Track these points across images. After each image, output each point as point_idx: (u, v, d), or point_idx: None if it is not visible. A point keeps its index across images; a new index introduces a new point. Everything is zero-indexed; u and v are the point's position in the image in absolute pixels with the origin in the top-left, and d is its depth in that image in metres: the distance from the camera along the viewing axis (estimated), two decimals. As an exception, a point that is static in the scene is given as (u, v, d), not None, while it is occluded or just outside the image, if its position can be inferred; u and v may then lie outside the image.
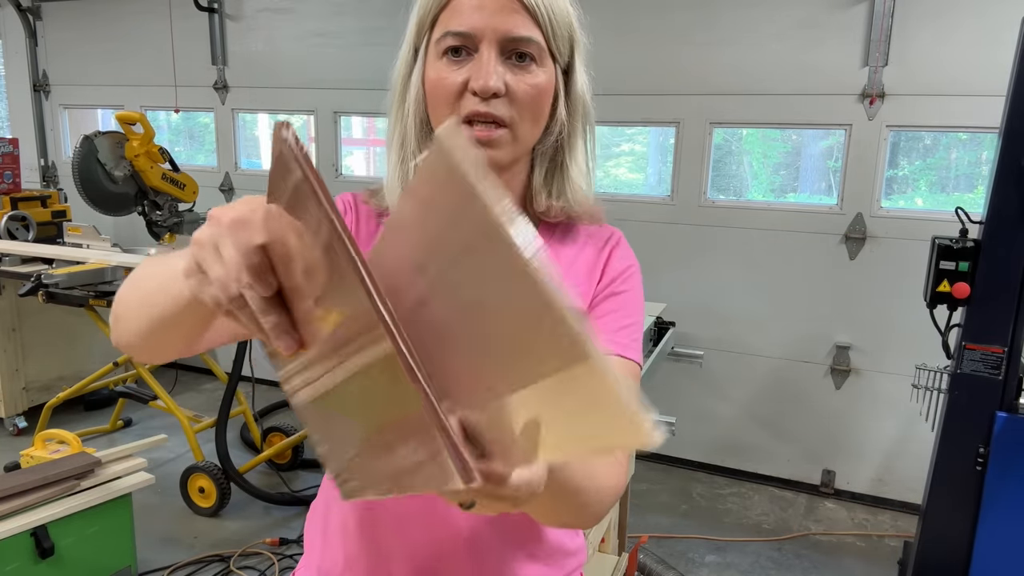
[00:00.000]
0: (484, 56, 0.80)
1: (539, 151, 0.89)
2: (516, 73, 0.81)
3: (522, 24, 0.80)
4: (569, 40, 0.86)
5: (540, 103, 0.84)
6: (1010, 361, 2.11)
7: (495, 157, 0.83)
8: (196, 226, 3.56)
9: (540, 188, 0.89)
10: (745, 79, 3.34)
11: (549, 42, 0.83)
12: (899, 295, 3.18)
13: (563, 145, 0.89)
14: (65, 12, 4.87)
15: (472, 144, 0.77)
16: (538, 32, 0.81)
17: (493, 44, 0.80)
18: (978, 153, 3.55)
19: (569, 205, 0.89)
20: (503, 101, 0.81)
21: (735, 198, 3.89)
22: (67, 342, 4.01)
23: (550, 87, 0.84)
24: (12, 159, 4.11)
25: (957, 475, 2.21)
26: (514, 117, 0.82)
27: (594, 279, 0.92)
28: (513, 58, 0.81)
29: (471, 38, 0.80)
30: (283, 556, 2.81)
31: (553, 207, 0.89)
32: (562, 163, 0.89)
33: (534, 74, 0.82)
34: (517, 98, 0.81)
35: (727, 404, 3.60)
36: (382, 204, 0.91)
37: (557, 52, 0.84)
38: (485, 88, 0.79)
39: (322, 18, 4.14)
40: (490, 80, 0.79)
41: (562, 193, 0.89)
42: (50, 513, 2.29)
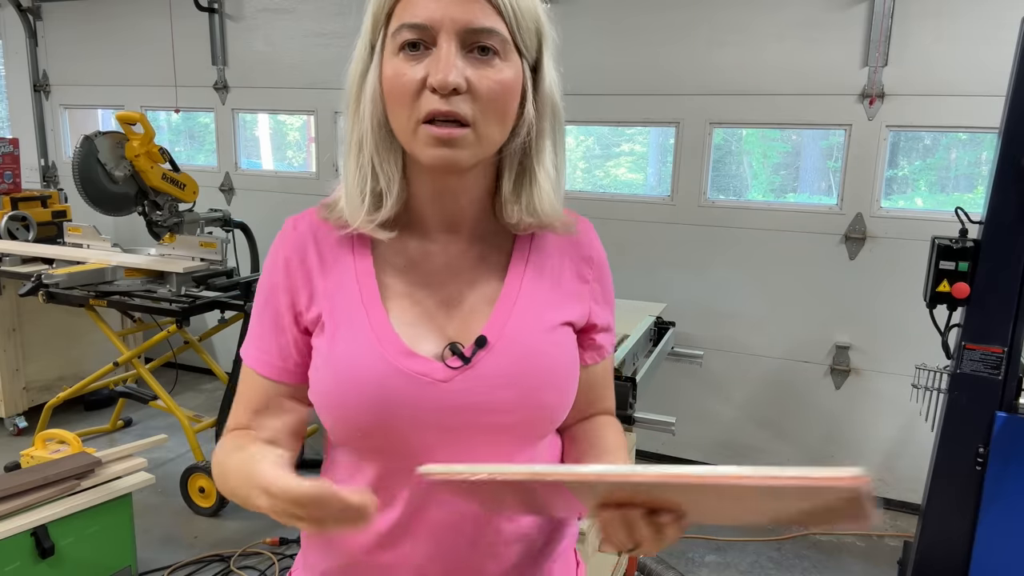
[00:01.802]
0: (443, 49, 0.74)
1: (505, 154, 0.83)
2: (478, 68, 0.76)
3: (483, 14, 0.75)
4: (536, 34, 0.80)
5: (505, 101, 0.78)
6: (1010, 361, 2.11)
7: (457, 158, 0.77)
8: (196, 226, 3.58)
9: (510, 198, 0.85)
10: (745, 79, 3.34)
11: (514, 35, 0.77)
12: (899, 295, 3.18)
13: (531, 148, 0.83)
14: (65, 12, 4.87)
15: (431, 143, 0.76)
16: (501, 23, 0.76)
17: (452, 36, 0.74)
18: (978, 153, 3.55)
19: (538, 219, 0.85)
20: (465, 98, 0.75)
21: (735, 198, 3.89)
22: (67, 342, 4.01)
23: (517, 84, 0.79)
24: (12, 159, 4.11)
25: (957, 475, 2.21)
26: (477, 115, 0.76)
27: (584, 280, 0.92)
28: (475, 52, 0.76)
29: (428, 30, 0.75)
30: (283, 556, 2.81)
31: (523, 221, 0.85)
32: (530, 168, 0.84)
33: (498, 69, 0.76)
34: (480, 95, 0.76)
35: (727, 404, 3.60)
36: (342, 218, 0.85)
37: (523, 47, 0.79)
38: (444, 83, 0.73)
39: (322, 18, 4.14)
40: (449, 75, 0.73)
41: (529, 206, 0.84)
42: (50, 513, 2.29)
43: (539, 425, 0.87)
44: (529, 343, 0.84)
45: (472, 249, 0.88)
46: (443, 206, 0.86)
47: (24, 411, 3.85)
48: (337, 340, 0.84)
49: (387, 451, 0.84)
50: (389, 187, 0.83)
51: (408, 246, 0.87)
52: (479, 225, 0.88)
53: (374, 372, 0.81)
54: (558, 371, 0.86)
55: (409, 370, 0.81)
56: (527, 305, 0.86)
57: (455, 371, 0.82)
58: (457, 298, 0.86)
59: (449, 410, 0.81)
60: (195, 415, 3.35)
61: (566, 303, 0.89)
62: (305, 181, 4.39)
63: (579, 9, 3.53)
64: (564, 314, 0.89)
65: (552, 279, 0.89)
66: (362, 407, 0.81)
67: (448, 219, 0.87)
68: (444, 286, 0.87)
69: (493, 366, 0.83)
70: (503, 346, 0.83)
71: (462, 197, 0.86)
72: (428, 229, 0.87)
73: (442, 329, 0.85)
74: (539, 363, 0.84)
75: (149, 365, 3.49)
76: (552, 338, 0.86)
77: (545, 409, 0.85)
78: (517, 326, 0.85)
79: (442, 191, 0.85)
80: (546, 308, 0.87)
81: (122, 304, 3.11)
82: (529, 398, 0.83)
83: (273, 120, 5.32)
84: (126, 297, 3.09)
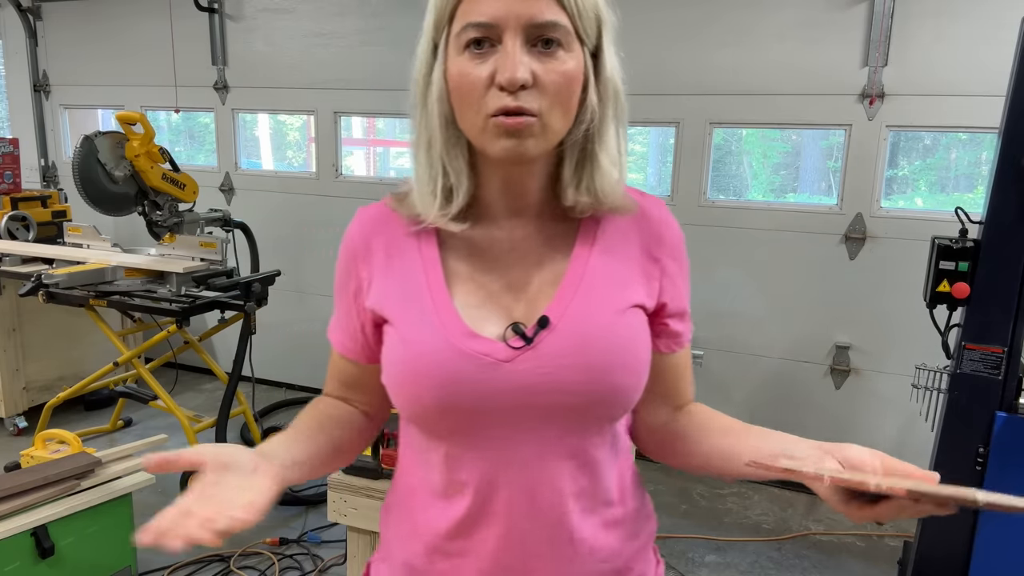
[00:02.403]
0: (508, 46, 0.75)
1: (569, 142, 0.83)
2: (543, 61, 0.77)
3: (546, 8, 0.76)
4: (596, 20, 0.81)
5: (570, 91, 0.79)
6: (1010, 361, 2.11)
7: (525, 148, 0.78)
8: (196, 226, 3.58)
9: (569, 182, 0.85)
10: (745, 79, 3.34)
11: (576, 25, 0.78)
12: (899, 295, 3.19)
13: (593, 134, 0.83)
14: (65, 12, 4.87)
15: (500, 134, 0.78)
16: (564, 15, 0.77)
17: (517, 32, 0.75)
18: (978, 153, 3.56)
19: (598, 200, 0.85)
20: (532, 92, 0.76)
21: (735, 198, 3.90)
22: (67, 342, 4.01)
23: (579, 74, 0.79)
24: (12, 159, 4.11)
25: (957, 475, 2.20)
26: (544, 108, 0.77)
27: (654, 259, 0.90)
28: (539, 45, 0.77)
29: (493, 28, 0.76)
30: (283, 556, 2.81)
31: (580, 203, 0.85)
32: (592, 153, 0.84)
33: (562, 61, 0.77)
34: (546, 88, 0.77)
35: (727, 404, 3.60)
36: (413, 210, 0.87)
37: (584, 35, 0.79)
38: (512, 81, 0.75)
39: (322, 18, 4.14)
40: (517, 72, 0.75)
41: (590, 187, 0.84)
42: (50, 513, 2.29)
43: (609, 407, 0.85)
44: (594, 323, 0.83)
45: (538, 233, 0.89)
46: (510, 195, 0.87)
47: (24, 411, 3.85)
48: (403, 325, 0.86)
49: (454, 432, 0.85)
50: (459, 181, 0.84)
51: (474, 233, 0.88)
52: (545, 210, 0.89)
53: (437, 354, 0.82)
54: (627, 352, 0.84)
55: (471, 351, 0.82)
56: (592, 285, 0.86)
57: (517, 351, 0.82)
58: (523, 281, 0.87)
59: (512, 390, 0.82)
60: (195, 415, 3.35)
61: (634, 284, 0.88)
62: (305, 181, 4.39)
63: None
64: (633, 296, 0.87)
65: (620, 260, 0.88)
66: (426, 388, 0.82)
67: (514, 206, 0.88)
68: (510, 270, 0.87)
69: (556, 346, 0.82)
70: (566, 326, 0.83)
71: (529, 185, 0.87)
72: (494, 216, 0.89)
73: (508, 312, 0.85)
74: (606, 344, 0.83)
75: (149, 365, 3.49)
76: (621, 319, 0.85)
77: (615, 391, 0.84)
78: (582, 306, 0.84)
79: (509, 181, 0.86)
80: (613, 289, 0.86)
81: (122, 304, 3.11)
82: (597, 379, 0.82)
83: (273, 120, 5.32)
84: (126, 297, 3.09)
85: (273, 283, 3.29)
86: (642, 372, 0.87)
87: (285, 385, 4.52)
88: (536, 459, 0.84)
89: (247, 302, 3.10)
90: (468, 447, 0.85)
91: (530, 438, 0.83)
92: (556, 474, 0.85)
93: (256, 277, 3.23)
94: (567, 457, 0.85)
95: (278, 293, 3.57)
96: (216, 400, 3.86)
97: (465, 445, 0.85)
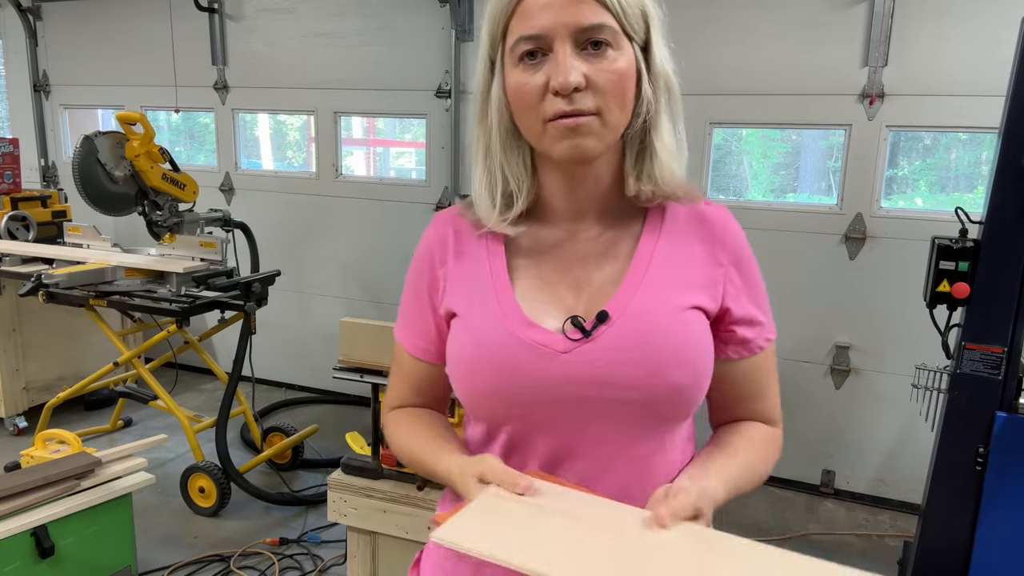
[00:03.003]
0: (559, 53, 0.79)
1: (628, 135, 0.87)
2: (594, 63, 0.80)
3: (591, 12, 0.79)
4: (643, 16, 0.84)
5: (624, 88, 0.82)
6: (1010, 361, 2.11)
7: (586, 146, 0.82)
8: (196, 226, 3.58)
9: (629, 172, 0.88)
10: (745, 79, 3.34)
11: (622, 23, 0.81)
12: (899, 295, 3.18)
13: (649, 125, 0.87)
14: (65, 12, 4.87)
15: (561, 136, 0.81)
16: (608, 16, 0.80)
17: (566, 39, 0.79)
18: (978, 153, 3.56)
19: (658, 187, 0.88)
20: (586, 94, 0.80)
21: (735, 198, 3.89)
22: (67, 342, 4.01)
23: (631, 69, 0.83)
24: (12, 159, 4.11)
25: (957, 475, 2.20)
26: (601, 107, 0.81)
27: (718, 264, 0.91)
28: (588, 47, 0.80)
29: (543, 39, 0.80)
30: (283, 556, 2.81)
31: (643, 191, 0.88)
32: (649, 144, 0.87)
33: (612, 59, 0.80)
34: (600, 88, 0.80)
35: (727, 404, 3.60)
36: (477, 215, 0.92)
37: (632, 31, 0.82)
38: (565, 85, 0.78)
39: (322, 18, 4.14)
40: (569, 76, 0.78)
41: (650, 175, 0.87)
42: (50, 513, 2.29)
43: (667, 406, 0.85)
44: (654, 320, 0.84)
45: (602, 235, 0.91)
46: (573, 196, 0.90)
47: (24, 411, 3.85)
48: (467, 316, 0.89)
49: (513, 420, 0.87)
50: (519, 187, 0.88)
51: (539, 234, 0.92)
52: (608, 209, 0.91)
53: (497, 342, 0.85)
54: (687, 350, 0.85)
55: (530, 340, 0.84)
56: (654, 284, 0.87)
57: (575, 343, 0.84)
58: (586, 280, 0.89)
59: (569, 381, 0.83)
60: (195, 415, 3.35)
61: (696, 287, 0.89)
62: (305, 181, 4.39)
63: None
64: (694, 298, 0.88)
65: (683, 262, 0.89)
66: (485, 375, 0.85)
67: (577, 208, 0.90)
68: (573, 269, 0.90)
69: (615, 340, 0.83)
70: (626, 321, 0.84)
71: (591, 184, 0.89)
72: (558, 218, 0.91)
73: (569, 307, 0.87)
74: (665, 341, 0.84)
75: (149, 365, 3.49)
76: (680, 318, 0.86)
77: (674, 389, 0.84)
78: (642, 303, 0.85)
79: (572, 182, 0.89)
80: (675, 289, 0.87)
81: (122, 304, 3.11)
82: (656, 376, 0.83)
83: (273, 120, 5.32)
84: (126, 297, 3.09)
85: (273, 283, 3.29)
86: (701, 373, 0.86)
87: (285, 385, 4.52)
88: (592, 456, 0.86)
89: (247, 302, 3.10)
90: (525, 437, 0.87)
91: (587, 434, 0.85)
92: (611, 475, 0.86)
93: (256, 277, 3.23)
94: (624, 458, 0.86)
95: (278, 293, 3.57)
96: (216, 400, 3.86)
97: (522, 435, 0.87)
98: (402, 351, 1.00)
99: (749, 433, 0.96)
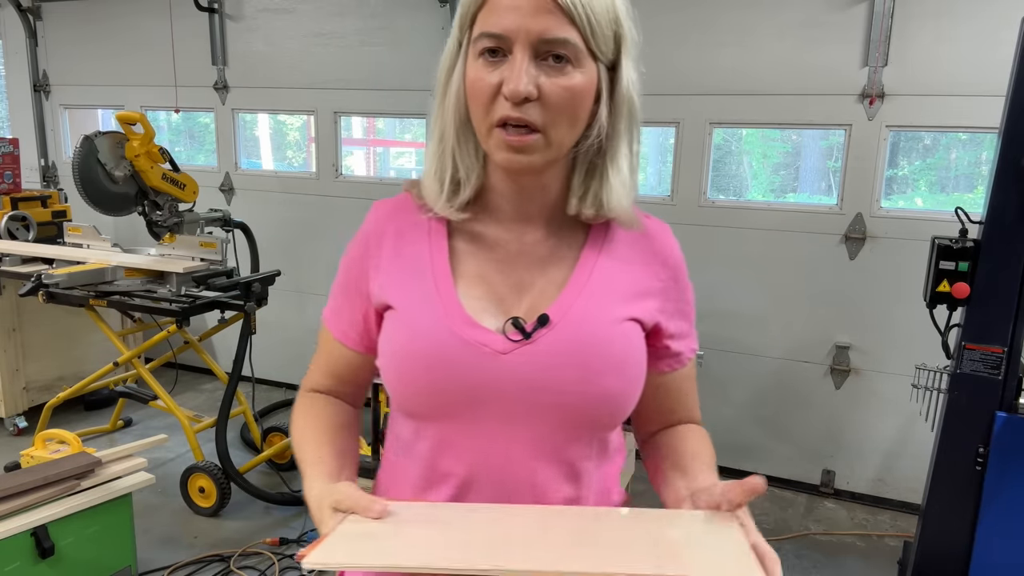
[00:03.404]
0: (516, 59, 0.78)
1: (579, 153, 0.86)
2: (550, 75, 0.78)
3: (557, 25, 0.77)
4: (614, 37, 0.82)
5: (575, 106, 0.81)
6: (1010, 361, 2.11)
7: (528, 162, 0.81)
8: (196, 226, 3.58)
9: (575, 191, 0.88)
10: (745, 79, 3.34)
11: (588, 41, 0.79)
12: (899, 295, 3.18)
13: (604, 147, 0.85)
14: (65, 12, 4.87)
15: (503, 147, 0.80)
16: (574, 32, 0.78)
17: (526, 47, 0.77)
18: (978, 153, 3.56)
19: (602, 212, 0.87)
20: (536, 105, 0.78)
21: (735, 198, 3.90)
22: (67, 342, 4.01)
23: (588, 89, 0.81)
24: (12, 159, 4.11)
25: (957, 475, 2.21)
26: (547, 121, 0.79)
27: (657, 280, 0.92)
28: (549, 59, 0.78)
29: (505, 40, 0.78)
30: (283, 556, 2.81)
31: (584, 213, 0.88)
32: (602, 167, 0.86)
33: (569, 76, 0.79)
34: (550, 102, 0.79)
35: (727, 404, 3.60)
36: (423, 196, 0.91)
37: (598, 51, 0.81)
38: (515, 93, 0.77)
39: (322, 18, 4.14)
40: (520, 85, 0.77)
41: (596, 198, 0.87)
42: (50, 513, 2.29)
43: (599, 412, 0.86)
44: (593, 327, 0.85)
45: (547, 239, 0.91)
46: (519, 200, 0.89)
47: (24, 411, 3.85)
48: (405, 309, 0.88)
49: (445, 418, 0.86)
50: (468, 176, 0.87)
51: (484, 232, 0.91)
52: (554, 216, 0.91)
53: (435, 337, 0.84)
54: (623, 359, 0.86)
55: (470, 338, 0.84)
56: (595, 292, 0.87)
57: (514, 344, 0.84)
58: (528, 283, 0.89)
59: (505, 382, 0.83)
60: (195, 415, 3.35)
61: (635, 300, 0.90)
62: (305, 181, 4.39)
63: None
64: (632, 310, 0.89)
65: (624, 272, 0.90)
66: (422, 370, 0.84)
67: (523, 211, 0.90)
68: (516, 271, 0.89)
69: (554, 344, 0.84)
70: (566, 326, 0.84)
71: (537, 193, 0.89)
72: (504, 218, 0.91)
73: (510, 309, 0.87)
74: (603, 348, 0.84)
75: (149, 365, 3.49)
76: (619, 328, 0.87)
77: (608, 396, 0.84)
78: (583, 310, 0.86)
79: (518, 188, 0.88)
80: (614, 299, 0.88)
81: (122, 304, 3.11)
82: (590, 382, 0.83)
83: (273, 120, 5.32)
84: (126, 297, 3.09)
85: (273, 283, 3.29)
86: (635, 381, 0.88)
87: (285, 385, 4.52)
88: (522, 459, 0.85)
89: (247, 302, 3.10)
90: (457, 436, 0.85)
91: (518, 436, 0.84)
92: (540, 478, 0.86)
93: (256, 277, 3.23)
94: (553, 462, 0.86)
95: (278, 293, 3.57)
96: (216, 400, 3.86)
97: (454, 434, 0.86)
98: (328, 335, 1.00)
99: (693, 436, 0.97)
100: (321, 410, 0.99)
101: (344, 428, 0.98)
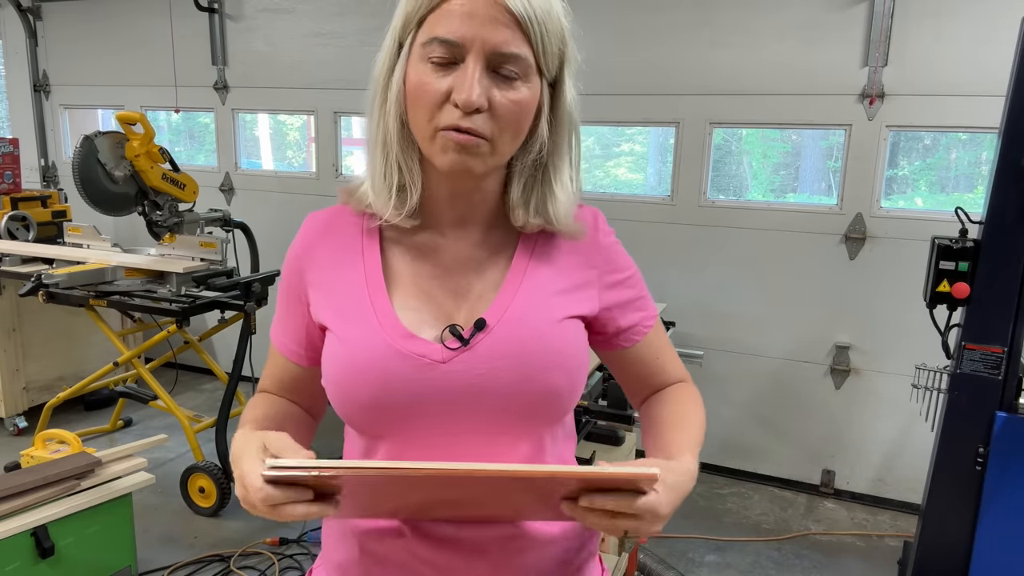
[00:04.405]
0: (469, 69, 0.77)
1: (517, 165, 0.86)
2: (501, 88, 0.79)
3: (513, 41, 0.77)
4: (559, 55, 0.83)
5: (521, 120, 0.81)
6: (1010, 361, 2.11)
7: (471, 165, 0.80)
8: (196, 226, 3.58)
9: (518, 203, 0.88)
10: (745, 79, 3.34)
11: (538, 59, 0.80)
12: (899, 295, 3.19)
13: (546, 161, 0.86)
14: (65, 12, 4.87)
15: (449, 148, 0.80)
16: (527, 49, 0.78)
17: (480, 57, 0.77)
18: (978, 153, 3.56)
19: (549, 223, 0.88)
20: (484, 116, 0.78)
21: (735, 198, 3.90)
22: (67, 342, 4.01)
23: (533, 103, 0.82)
24: (12, 159, 4.11)
25: (957, 475, 2.21)
26: (494, 133, 0.79)
27: (592, 266, 0.93)
28: (500, 71, 0.79)
29: (459, 48, 0.77)
30: (283, 556, 2.81)
31: (531, 224, 0.88)
32: (544, 179, 0.87)
33: (518, 90, 0.79)
34: (499, 114, 0.79)
35: (727, 404, 3.60)
36: (363, 203, 0.89)
37: (545, 68, 0.81)
38: (468, 103, 0.76)
39: (322, 18, 4.14)
40: (473, 95, 0.76)
41: (541, 209, 0.87)
42: (50, 513, 2.29)
43: (543, 409, 0.86)
44: (531, 326, 0.85)
45: (483, 244, 0.91)
46: (456, 205, 0.89)
47: (24, 411, 3.85)
48: (342, 326, 0.87)
49: (392, 434, 0.86)
50: (412, 181, 0.86)
51: (419, 239, 0.90)
52: (490, 222, 0.91)
53: (375, 354, 0.84)
54: (562, 355, 0.86)
55: (408, 351, 0.83)
56: (530, 291, 0.88)
57: (453, 352, 0.84)
58: (465, 288, 0.89)
59: (448, 391, 0.83)
60: (195, 415, 3.35)
61: (573, 295, 0.90)
62: (305, 181, 4.39)
63: (579, 9, 3.53)
64: (571, 307, 0.89)
65: (558, 270, 0.90)
66: (363, 387, 0.84)
67: (460, 216, 0.90)
68: (452, 277, 0.89)
69: (492, 348, 0.84)
70: (503, 328, 0.85)
71: (475, 198, 0.89)
72: (439, 224, 0.90)
73: (449, 316, 0.87)
74: (542, 346, 0.85)
75: (149, 365, 3.49)
76: (557, 327, 0.87)
77: (550, 393, 0.85)
78: (519, 310, 0.86)
79: (456, 192, 0.88)
80: (551, 297, 0.88)
81: (122, 304, 3.11)
82: (532, 380, 0.84)
83: (273, 120, 5.32)
84: (126, 297, 3.09)
85: (273, 283, 3.29)
86: (576, 375, 0.88)
87: (285, 385, 4.52)
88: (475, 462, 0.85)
89: (247, 302, 3.10)
90: (407, 448, 0.85)
91: (468, 441, 0.85)
92: None
93: (256, 277, 3.23)
94: (507, 461, 0.86)
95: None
96: (216, 400, 3.86)
97: (404, 445, 0.86)
98: (273, 350, 1.00)
99: (675, 397, 0.98)
100: (271, 405, 0.98)
101: (291, 419, 0.97)
